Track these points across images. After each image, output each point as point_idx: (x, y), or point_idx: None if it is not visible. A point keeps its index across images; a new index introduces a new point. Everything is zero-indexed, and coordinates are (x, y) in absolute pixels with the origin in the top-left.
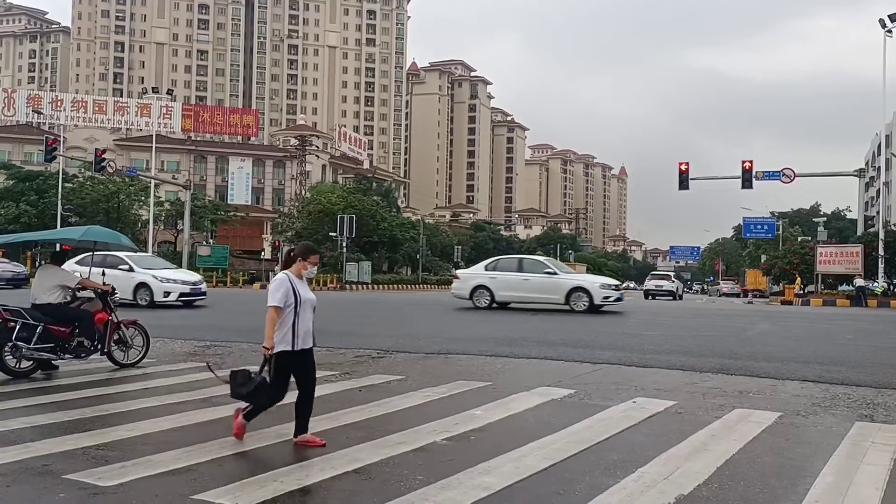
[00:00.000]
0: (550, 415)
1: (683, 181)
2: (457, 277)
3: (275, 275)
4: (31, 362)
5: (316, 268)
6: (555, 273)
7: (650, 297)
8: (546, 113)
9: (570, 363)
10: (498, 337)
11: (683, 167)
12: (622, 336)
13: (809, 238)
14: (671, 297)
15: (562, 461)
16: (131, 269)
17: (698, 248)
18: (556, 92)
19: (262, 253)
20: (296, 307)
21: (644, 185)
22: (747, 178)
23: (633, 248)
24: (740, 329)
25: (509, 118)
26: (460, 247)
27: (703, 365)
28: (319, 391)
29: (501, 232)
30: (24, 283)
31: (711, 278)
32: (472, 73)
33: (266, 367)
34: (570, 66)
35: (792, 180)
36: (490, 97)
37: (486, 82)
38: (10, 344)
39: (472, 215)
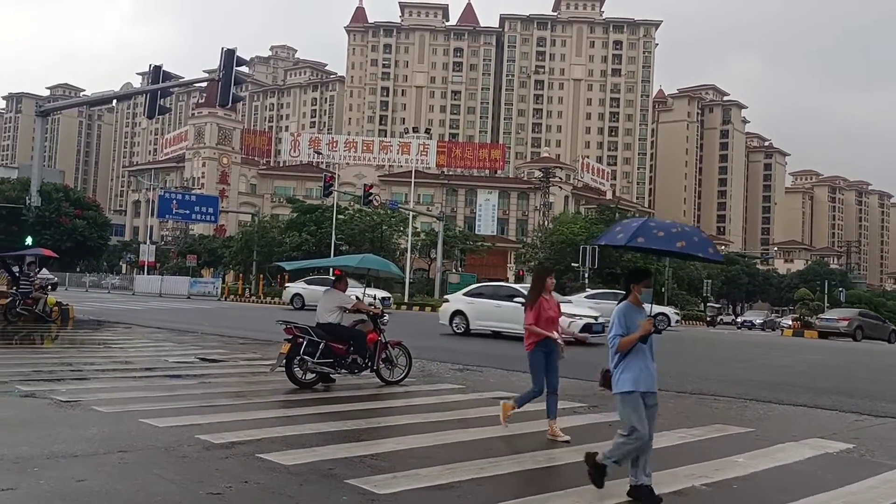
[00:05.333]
0: (825, 470)
1: None
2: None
3: None
4: (314, 375)
5: None
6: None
7: None
8: (805, 135)
9: (845, 414)
10: (758, 380)
11: None
12: None
13: None
14: None
15: None
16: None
17: None
18: (815, 112)
19: (506, 282)
20: None
21: None
22: None
23: None
24: None
25: (766, 143)
26: (710, 280)
27: None
28: (568, 422)
29: (757, 265)
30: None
31: None
32: (725, 98)
33: None
34: (831, 83)
35: None
36: (744, 121)
37: (741, 106)
38: (298, 357)
39: (723, 247)
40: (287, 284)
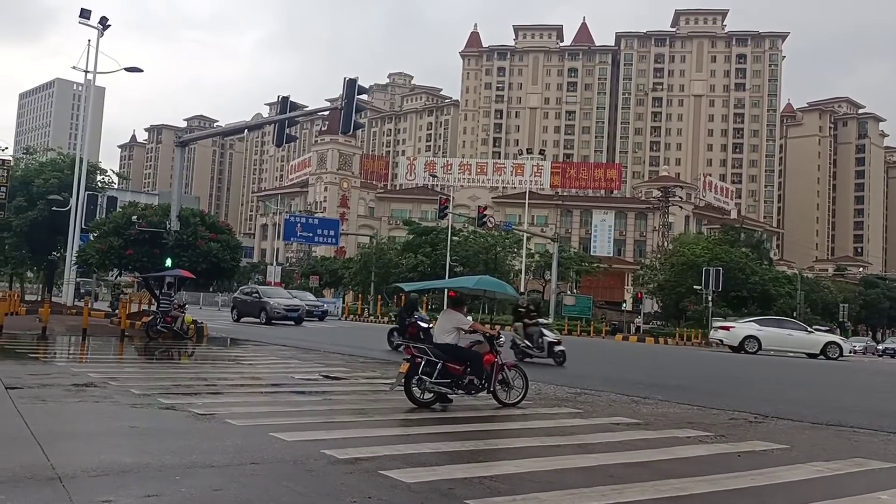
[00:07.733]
0: None
1: None
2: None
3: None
4: (432, 394)
5: None
6: None
7: None
8: None
9: None
10: None
11: None
12: None
13: None
14: None
15: None
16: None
17: None
18: None
19: (623, 304)
20: None
21: None
22: None
23: None
24: None
25: None
26: (846, 305)
27: None
28: (693, 451)
29: None
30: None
31: None
32: (860, 111)
33: None
34: None
35: None
36: (882, 135)
37: (878, 119)
38: (416, 377)
39: (861, 269)
40: (725, 323)
